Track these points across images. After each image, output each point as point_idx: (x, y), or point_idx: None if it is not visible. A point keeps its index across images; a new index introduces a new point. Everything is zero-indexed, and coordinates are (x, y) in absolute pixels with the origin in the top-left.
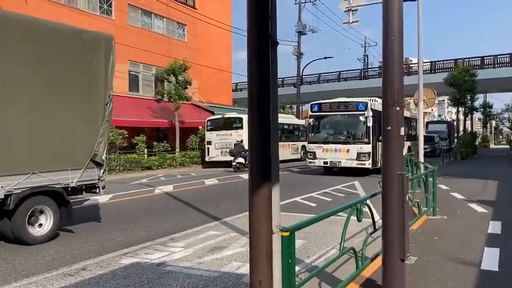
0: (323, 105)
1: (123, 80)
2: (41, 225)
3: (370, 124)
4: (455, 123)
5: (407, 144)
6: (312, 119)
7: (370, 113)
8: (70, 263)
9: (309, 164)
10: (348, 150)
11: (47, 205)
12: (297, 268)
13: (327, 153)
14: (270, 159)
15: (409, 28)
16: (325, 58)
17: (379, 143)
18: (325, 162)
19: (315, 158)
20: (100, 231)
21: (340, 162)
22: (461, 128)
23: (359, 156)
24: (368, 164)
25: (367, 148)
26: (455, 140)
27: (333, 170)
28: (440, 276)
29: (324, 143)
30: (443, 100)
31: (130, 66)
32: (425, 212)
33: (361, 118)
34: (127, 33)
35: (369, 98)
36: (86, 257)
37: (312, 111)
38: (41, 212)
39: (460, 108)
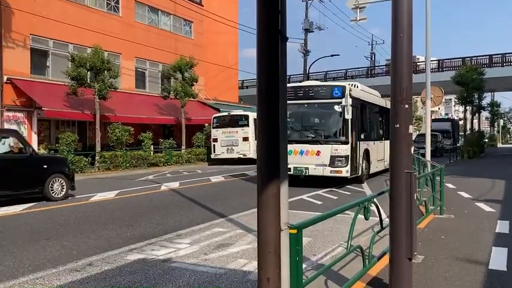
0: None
1: (130, 77)
2: None
3: (348, 116)
4: (461, 122)
5: (388, 143)
6: None
7: (349, 101)
8: (77, 259)
9: None
10: (318, 153)
11: None
12: (303, 266)
13: (289, 157)
14: (279, 156)
15: (416, 26)
16: (331, 56)
17: (362, 142)
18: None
19: None
20: (106, 227)
21: (307, 169)
22: (468, 127)
23: (333, 160)
24: (346, 171)
25: (345, 149)
26: (460, 138)
27: (300, 179)
28: (447, 276)
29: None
30: (451, 99)
31: (136, 63)
32: (433, 211)
33: (337, 108)
34: (134, 30)
35: (349, 82)
36: (92, 252)
37: None
38: None
39: (468, 107)
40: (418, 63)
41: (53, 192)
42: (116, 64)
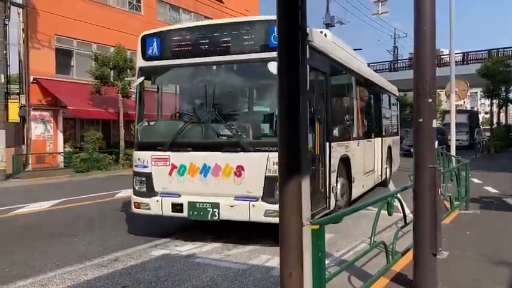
0: (169, 40)
1: None
2: None
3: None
4: (487, 115)
5: (386, 142)
6: (141, 81)
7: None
8: (102, 254)
9: (134, 210)
10: (239, 171)
11: None
12: (326, 261)
13: (180, 179)
14: (300, 153)
15: (440, 18)
16: (353, 50)
17: (335, 144)
18: (177, 207)
19: (149, 192)
20: (131, 222)
21: (217, 206)
22: (495, 121)
23: (272, 186)
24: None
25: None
26: (478, 133)
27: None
28: (473, 272)
29: (173, 147)
30: (476, 92)
31: None
32: (458, 207)
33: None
34: (155, 28)
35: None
36: (117, 248)
37: (145, 58)
38: None
39: (494, 100)
40: (442, 56)
41: None
42: None
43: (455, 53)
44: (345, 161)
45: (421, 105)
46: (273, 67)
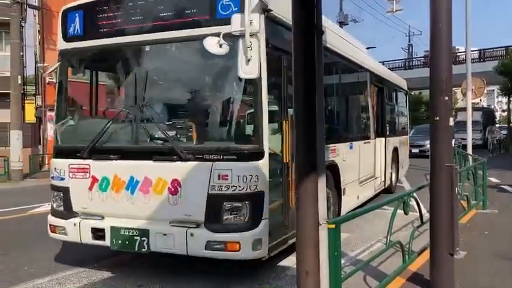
0: (94, 14)
1: None
2: None
3: (252, 71)
4: (505, 113)
5: (391, 143)
6: (60, 68)
7: (259, 26)
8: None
9: (50, 235)
10: (174, 187)
11: None
12: (341, 261)
13: (102, 196)
14: (316, 153)
15: (456, 14)
16: (367, 48)
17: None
18: (99, 233)
19: (66, 213)
20: None
21: (146, 234)
22: None
23: (217, 208)
24: (250, 243)
25: (250, 175)
26: (490, 131)
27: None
28: (491, 272)
29: (93, 154)
30: (493, 90)
31: None
32: (475, 206)
33: (221, 49)
34: None
35: None
36: None
37: (66, 38)
38: None
39: None
40: (457, 54)
41: None
42: None
43: (471, 50)
44: (331, 169)
45: (438, 103)
46: (210, 44)
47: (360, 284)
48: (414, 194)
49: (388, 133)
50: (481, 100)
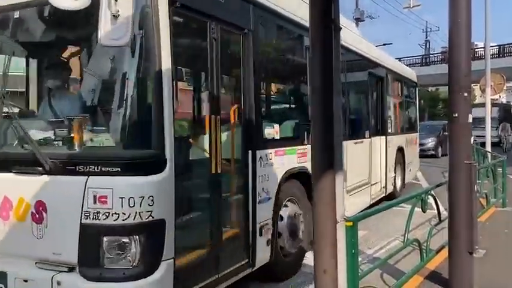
0: None
1: None
2: None
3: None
4: None
5: (394, 142)
6: None
7: None
8: None
9: None
10: (39, 213)
11: None
12: (359, 259)
13: None
14: (333, 150)
15: (475, 8)
16: (384, 45)
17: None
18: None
19: None
20: None
21: (3, 277)
22: None
23: (92, 245)
24: None
25: (154, 194)
26: (503, 129)
27: None
28: (511, 272)
29: None
30: None
31: None
32: (494, 204)
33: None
34: None
35: None
36: None
37: None
38: None
39: None
40: (476, 49)
41: None
42: None
43: (491, 46)
44: (301, 178)
45: (456, 99)
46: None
47: (378, 281)
48: (432, 192)
49: (389, 131)
50: (500, 96)
